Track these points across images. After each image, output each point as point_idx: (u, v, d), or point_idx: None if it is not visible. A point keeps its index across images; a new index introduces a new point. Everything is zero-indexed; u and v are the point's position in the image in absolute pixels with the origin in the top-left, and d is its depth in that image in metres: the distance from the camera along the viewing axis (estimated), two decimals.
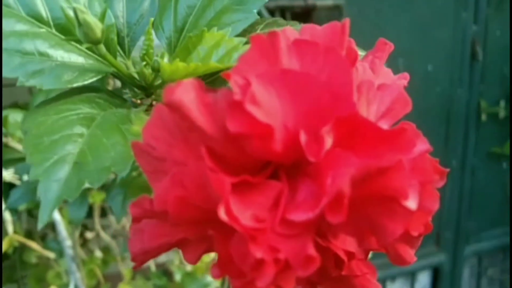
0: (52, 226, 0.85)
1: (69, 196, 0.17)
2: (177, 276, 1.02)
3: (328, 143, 0.15)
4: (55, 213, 0.75)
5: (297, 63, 0.17)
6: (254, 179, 0.16)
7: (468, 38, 1.30)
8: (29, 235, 0.98)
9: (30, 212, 0.90)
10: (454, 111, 1.32)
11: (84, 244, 1.07)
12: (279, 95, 0.16)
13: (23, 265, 1.01)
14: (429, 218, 0.16)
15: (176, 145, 0.16)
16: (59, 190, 0.17)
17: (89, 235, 1.05)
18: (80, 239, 1.03)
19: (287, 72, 0.16)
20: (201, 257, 0.19)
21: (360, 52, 0.22)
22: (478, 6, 1.28)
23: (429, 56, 1.25)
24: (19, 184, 0.71)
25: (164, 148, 0.17)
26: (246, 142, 0.15)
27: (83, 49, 0.23)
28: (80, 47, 0.23)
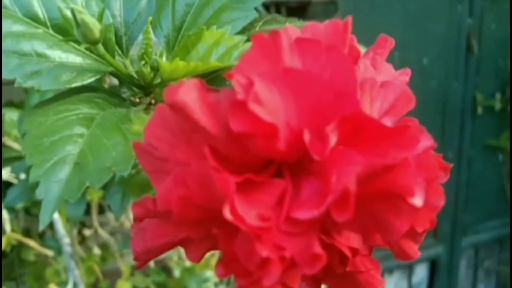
0: (50, 224, 0.85)
1: (70, 197, 0.17)
2: (176, 272, 1.02)
3: (333, 142, 0.15)
4: None
5: (299, 62, 0.17)
6: (258, 178, 0.16)
7: (464, 31, 1.30)
8: (27, 233, 0.98)
9: (28, 210, 0.90)
10: (450, 104, 1.32)
11: (82, 242, 1.06)
12: (282, 94, 0.16)
13: (21, 263, 1.00)
14: (435, 215, 0.16)
15: (179, 145, 0.16)
16: (60, 191, 0.17)
17: (87, 233, 1.05)
18: (78, 237, 1.03)
19: (290, 71, 0.16)
20: (204, 256, 0.19)
21: (361, 49, 0.22)
22: None
23: (425, 50, 1.25)
24: (16, 183, 0.71)
25: (166, 148, 0.17)
26: (250, 141, 0.15)
27: (81, 49, 0.22)
28: (78, 47, 0.22)
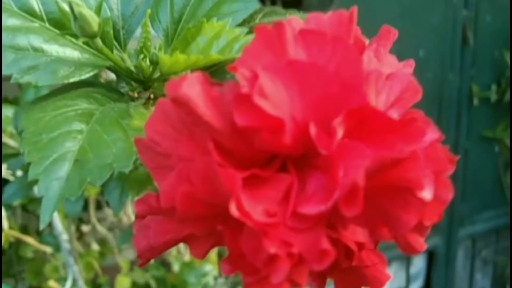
0: None
1: (71, 195, 0.16)
2: (175, 267, 1.02)
3: (339, 135, 0.15)
4: None
5: (304, 54, 0.16)
6: (264, 173, 0.16)
7: (459, 23, 1.30)
8: (25, 230, 0.97)
9: (25, 207, 0.90)
10: (446, 96, 1.32)
11: (81, 238, 1.06)
12: (287, 87, 0.16)
13: (20, 260, 1.00)
14: (443, 208, 0.16)
15: (181, 140, 0.16)
16: (60, 189, 0.16)
17: (85, 228, 1.05)
18: (76, 233, 1.03)
19: (294, 63, 0.16)
20: (209, 252, 0.19)
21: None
22: None
23: (420, 42, 1.25)
24: (13, 180, 0.70)
25: (169, 144, 0.16)
26: (255, 136, 0.15)
27: (78, 43, 0.22)
28: (75, 41, 0.22)
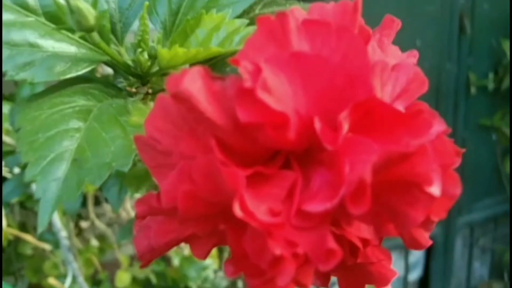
0: None
1: (69, 197, 0.16)
2: (175, 261, 1.02)
3: (345, 130, 0.15)
4: None
5: (308, 45, 0.16)
6: (267, 170, 0.15)
7: (456, 12, 1.29)
8: (23, 227, 0.97)
9: (23, 204, 0.89)
10: (443, 85, 1.32)
11: (79, 234, 1.06)
12: (290, 80, 0.15)
13: (19, 257, 1.00)
14: (452, 204, 0.15)
15: (182, 138, 0.15)
16: (58, 190, 0.16)
17: (84, 225, 1.04)
18: (75, 229, 1.02)
19: (298, 55, 0.15)
20: (211, 251, 0.19)
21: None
22: None
23: (418, 31, 1.24)
24: (10, 177, 0.70)
25: (169, 141, 0.16)
26: (258, 132, 0.15)
27: (75, 38, 0.21)
28: (71, 36, 0.21)
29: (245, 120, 0.14)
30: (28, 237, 0.88)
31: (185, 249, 0.99)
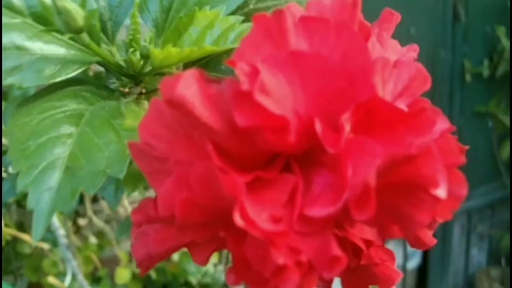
0: None
1: (63, 206, 0.15)
2: (175, 256, 1.02)
3: (347, 131, 0.14)
4: None
5: (306, 43, 0.15)
6: (267, 175, 0.15)
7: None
8: (21, 226, 0.96)
9: (19, 203, 0.89)
10: (439, 73, 1.32)
11: (78, 231, 1.05)
12: (289, 80, 0.15)
13: (17, 256, 0.99)
14: (458, 205, 0.15)
15: (178, 143, 0.15)
16: (52, 200, 0.15)
17: (82, 222, 1.04)
18: (73, 227, 1.02)
19: (296, 54, 0.15)
20: (211, 257, 0.18)
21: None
22: None
23: (412, 19, 1.24)
24: (6, 177, 0.69)
25: (165, 147, 0.15)
26: (257, 136, 0.14)
27: (64, 39, 0.20)
28: (61, 37, 0.20)
29: (243, 124, 0.13)
30: (26, 237, 0.88)
31: None
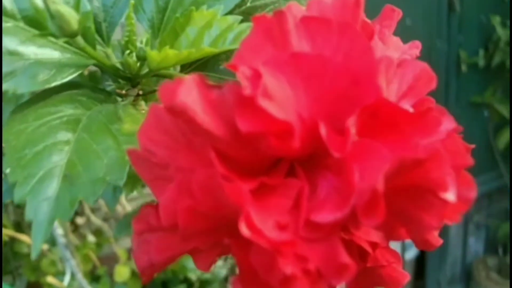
0: None
1: (63, 216, 0.15)
2: None
3: (353, 135, 0.14)
4: None
5: (308, 45, 0.15)
6: (271, 180, 0.14)
7: None
8: (18, 226, 0.96)
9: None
10: (434, 63, 1.32)
11: (76, 230, 1.05)
12: (291, 83, 0.14)
13: (15, 256, 0.99)
14: (467, 208, 0.15)
15: (179, 149, 0.15)
16: (51, 210, 0.15)
17: (80, 221, 1.03)
18: (71, 225, 1.01)
19: (298, 56, 0.14)
20: (215, 262, 0.18)
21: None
22: None
23: (407, 10, 1.23)
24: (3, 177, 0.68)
25: (165, 153, 0.15)
26: (260, 141, 0.14)
27: (58, 42, 0.20)
28: (54, 40, 0.20)
29: (246, 130, 0.13)
30: (24, 237, 0.87)
31: None
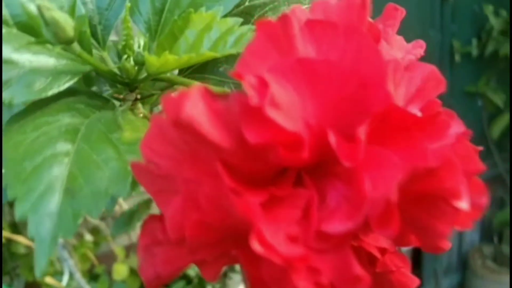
0: None
1: (67, 233, 0.14)
2: None
3: (363, 144, 0.13)
4: None
5: (313, 49, 0.14)
6: (280, 191, 0.14)
7: None
8: (14, 226, 0.95)
9: (12, 204, 0.87)
10: (428, 53, 1.31)
11: None
12: (297, 89, 0.14)
13: (13, 256, 0.98)
14: (479, 215, 0.14)
15: (184, 160, 0.14)
16: (54, 226, 0.14)
17: None
18: None
19: (304, 62, 0.14)
20: (221, 271, 0.18)
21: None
22: None
23: (400, 0, 1.23)
24: None
25: (170, 165, 0.14)
26: (269, 152, 0.13)
27: (53, 48, 0.19)
28: (49, 46, 0.19)
29: (254, 141, 0.13)
30: (21, 239, 0.86)
31: None
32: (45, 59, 0.19)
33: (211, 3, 0.21)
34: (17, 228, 0.94)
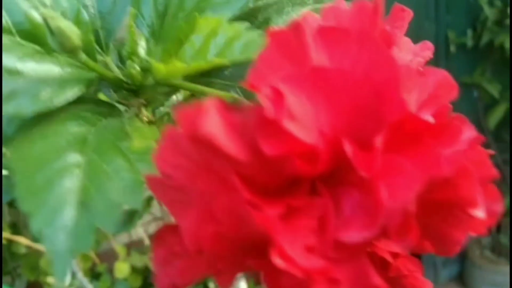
0: None
1: (83, 247, 0.14)
2: None
3: (379, 153, 0.13)
4: None
5: (326, 58, 0.14)
6: (296, 202, 0.14)
7: None
8: (14, 227, 0.95)
9: (12, 204, 0.87)
10: None
11: None
12: (312, 99, 0.14)
13: (13, 256, 0.98)
14: (493, 222, 0.14)
15: (199, 172, 0.14)
16: (69, 240, 0.14)
17: None
18: None
19: (317, 71, 0.14)
20: (235, 278, 0.18)
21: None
22: None
23: None
24: None
25: (184, 176, 0.14)
26: (285, 163, 0.13)
27: (57, 56, 0.19)
28: (54, 54, 0.19)
29: (271, 153, 0.13)
30: (21, 239, 0.86)
31: None
32: (49, 68, 0.19)
33: (216, 6, 0.21)
34: (17, 228, 0.94)
